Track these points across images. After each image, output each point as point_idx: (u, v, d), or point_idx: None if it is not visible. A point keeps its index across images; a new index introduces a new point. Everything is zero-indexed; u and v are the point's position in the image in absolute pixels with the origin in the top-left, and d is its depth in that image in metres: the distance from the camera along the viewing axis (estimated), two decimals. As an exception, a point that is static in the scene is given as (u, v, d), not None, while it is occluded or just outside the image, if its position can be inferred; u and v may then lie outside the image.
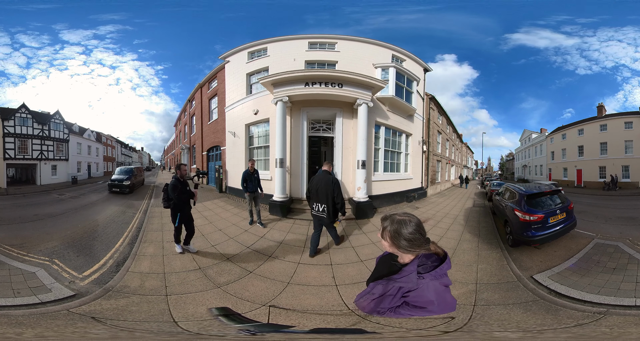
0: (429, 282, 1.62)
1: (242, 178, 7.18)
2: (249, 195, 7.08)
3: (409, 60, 12.55)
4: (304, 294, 3.61)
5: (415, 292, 1.65)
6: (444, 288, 1.65)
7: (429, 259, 1.67)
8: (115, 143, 44.41)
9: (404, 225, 1.58)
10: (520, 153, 45.63)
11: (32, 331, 2.68)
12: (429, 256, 1.68)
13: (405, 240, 1.58)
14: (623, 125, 23.64)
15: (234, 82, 12.45)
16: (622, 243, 5.37)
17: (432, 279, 1.61)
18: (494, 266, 4.67)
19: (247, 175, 7.15)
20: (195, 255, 5.01)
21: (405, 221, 1.60)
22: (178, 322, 2.94)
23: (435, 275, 1.63)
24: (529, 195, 5.85)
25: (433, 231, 6.97)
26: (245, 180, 7.13)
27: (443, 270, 1.64)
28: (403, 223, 1.59)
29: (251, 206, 7.15)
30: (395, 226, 1.61)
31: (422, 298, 1.67)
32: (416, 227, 1.60)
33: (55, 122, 25.73)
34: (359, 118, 8.79)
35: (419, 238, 1.59)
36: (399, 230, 1.59)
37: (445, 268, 1.64)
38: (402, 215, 1.65)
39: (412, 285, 1.66)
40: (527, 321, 2.98)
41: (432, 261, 1.66)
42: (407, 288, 1.67)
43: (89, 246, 5.53)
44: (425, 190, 14.47)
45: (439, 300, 1.66)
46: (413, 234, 1.57)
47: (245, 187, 7.11)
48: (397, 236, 1.59)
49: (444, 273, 1.64)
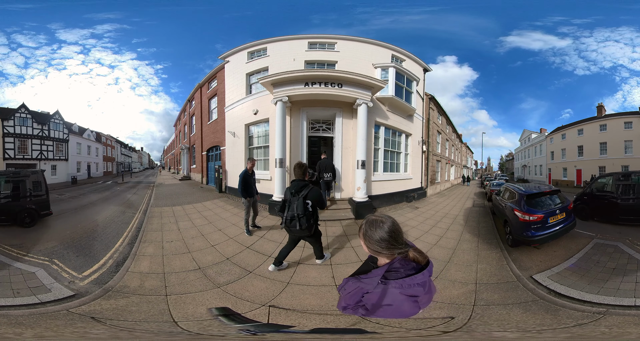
0: (390, 289, 1.54)
1: (242, 180, 6.06)
2: (249, 200, 6.15)
3: (409, 60, 12.56)
4: (304, 294, 3.61)
5: (369, 295, 1.59)
6: (405, 297, 1.55)
7: (406, 267, 1.59)
8: (115, 143, 44.45)
9: (375, 227, 1.55)
10: (519, 153, 45.71)
11: (31, 331, 2.68)
12: (407, 263, 1.60)
13: (375, 242, 1.55)
14: (623, 125, 23.70)
15: (234, 82, 12.46)
16: (621, 243, 5.38)
17: (396, 288, 1.53)
18: (493, 266, 4.67)
19: (247, 177, 6.14)
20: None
21: (377, 222, 1.56)
22: (178, 322, 2.94)
23: (401, 285, 1.54)
24: (528, 195, 5.86)
25: (433, 231, 6.97)
26: (245, 182, 6.08)
27: (414, 281, 1.54)
28: (375, 225, 1.55)
29: (249, 214, 6.24)
30: (366, 227, 1.58)
31: (370, 301, 1.61)
32: (388, 230, 1.55)
33: (55, 122, 25.74)
34: (358, 118, 8.79)
35: (390, 241, 1.54)
36: (369, 232, 1.57)
37: (417, 279, 1.54)
38: (376, 216, 1.61)
39: (370, 288, 1.60)
40: (527, 321, 2.98)
41: (408, 270, 1.58)
42: (365, 289, 1.61)
43: (89, 246, 5.53)
44: (424, 190, 14.48)
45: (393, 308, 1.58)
46: (383, 237, 1.53)
47: (244, 191, 6.07)
48: (369, 237, 1.56)
49: (415, 284, 1.54)
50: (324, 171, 8.39)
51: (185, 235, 6.13)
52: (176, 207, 9.45)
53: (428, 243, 5.92)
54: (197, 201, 10.64)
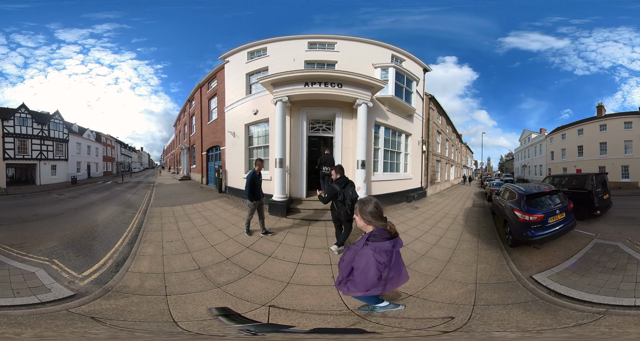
0: (367, 250, 2.26)
1: (250, 182, 5.85)
2: (255, 203, 5.96)
3: (409, 60, 12.56)
4: (304, 294, 3.61)
5: (358, 256, 2.30)
6: (373, 262, 2.23)
7: (381, 235, 2.32)
8: (114, 143, 44.45)
9: (367, 203, 2.38)
10: (519, 153, 45.73)
11: (31, 331, 2.68)
12: (383, 233, 2.32)
13: (367, 214, 2.34)
14: (622, 125, 23.69)
15: (234, 82, 12.46)
16: (621, 243, 5.37)
17: (371, 249, 2.24)
18: (493, 266, 4.67)
19: (254, 179, 5.97)
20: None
21: (368, 201, 2.41)
22: (178, 322, 2.94)
23: (374, 247, 2.25)
24: (528, 195, 5.86)
25: (433, 231, 6.97)
26: (253, 184, 5.91)
27: (383, 246, 2.25)
28: (367, 202, 2.39)
29: (252, 216, 6.10)
30: (361, 205, 2.39)
31: (357, 264, 2.31)
32: (375, 205, 2.37)
33: (55, 122, 25.73)
34: (358, 118, 8.79)
35: (376, 213, 2.34)
36: (363, 207, 2.36)
37: (385, 246, 2.25)
38: (366, 197, 2.54)
39: (358, 248, 2.32)
40: (527, 321, 2.98)
41: (382, 238, 2.30)
42: (357, 250, 2.32)
43: (89, 246, 5.53)
44: (424, 190, 14.48)
45: (363, 271, 2.27)
46: (371, 210, 2.33)
47: (251, 193, 5.88)
48: (363, 210, 2.35)
49: (384, 250, 2.25)
50: (324, 165, 8.91)
51: (185, 235, 6.13)
52: (176, 207, 9.45)
53: (428, 243, 5.92)
54: (197, 201, 10.64)
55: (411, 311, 3.25)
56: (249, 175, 5.94)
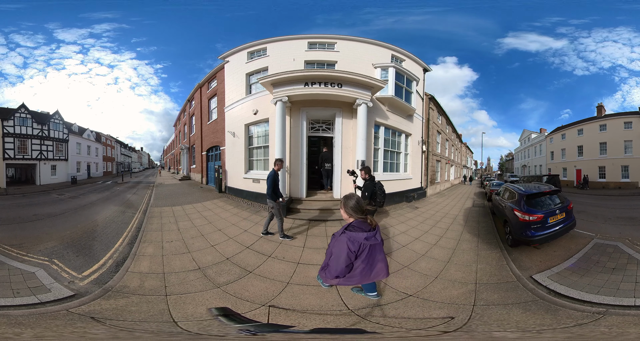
0: (342, 237, 2.60)
1: (273, 181, 5.82)
2: (279, 203, 5.87)
3: (409, 60, 12.56)
4: (304, 294, 3.61)
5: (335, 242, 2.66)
6: (345, 249, 2.56)
7: (359, 226, 2.64)
8: (114, 143, 44.45)
9: (350, 199, 2.72)
10: (519, 153, 45.74)
11: (31, 331, 2.68)
12: (361, 225, 2.65)
13: (349, 208, 2.67)
14: (622, 125, 23.69)
15: (234, 82, 12.46)
16: (621, 243, 5.38)
17: (347, 236, 2.58)
18: (493, 266, 4.67)
19: (276, 178, 5.94)
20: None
21: (351, 196, 2.75)
22: (178, 322, 2.94)
23: (350, 236, 2.58)
24: (528, 195, 5.85)
25: (433, 231, 6.97)
26: (276, 184, 5.89)
27: (357, 236, 2.57)
28: (350, 198, 2.73)
29: (282, 219, 5.99)
30: (344, 199, 2.74)
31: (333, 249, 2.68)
32: (356, 200, 2.70)
33: (55, 122, 25.72)
34: (358, 118, 8.79)
35: (356, 207, 2.66)
36: (346, 201, 2.71)
37: (360, 236, 2.57)
38: (350, 193, 2.84)
39: (338, 234, 2.69)
40: (527, 321, 2.98)
41: (359, 229, 2.62)
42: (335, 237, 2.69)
43: (89, 246, 5.52)
44: (424, 190, 14.48)
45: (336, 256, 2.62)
46: (353, 204, 2.67)
47: (275, 193, 5.84)
48: (346, 205, 2.70)
49: (357, 240, 2.56)
50: (326, 161, 9.35)
51: (185, 235, 6.13)
52: (176, 207, 9.45)
53: (428, 243, 5.92)
54: (197, 201, 10.64)
55: (411, 311, 3.25)
56: (271, 175, 5.87)
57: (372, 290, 3.43)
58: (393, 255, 5.08)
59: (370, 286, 3.40)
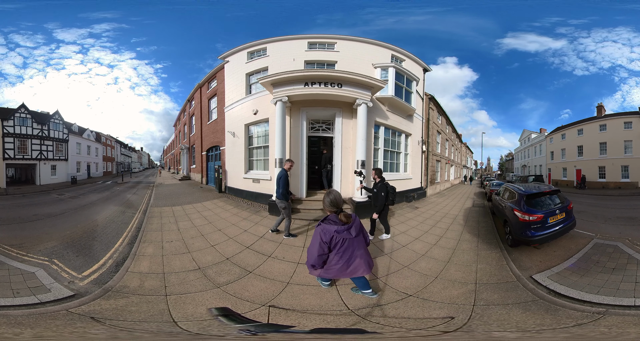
0: (318, 228, 2.98)
1: (284, 181, 5.87)
2: (289, 203, 5.94)
3: (409, 60, 12.56)
4: (304, 294, 3.61)
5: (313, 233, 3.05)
6: (318, 238, 2.93)
7: (334, 220, 3.04)
8: (114, 143, 44.45)
9: (328, 195, 3.10)
10: (519, 153, 45.74)
11: (31, 331, 2.68)
12: (335, 219, 3.05)
13: (326, 203, 3.08)
14: (622, 125, 23.70)
15: (234, 82, 12.45)
16: (621, 243, 5.38)
17: (321, 227, 2.96)
18: (493, 266, 4.67)
19: (287, 177, 5.99)
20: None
21: (330, 193, 3.12)
22: (178, 322, 2.94)
23: (323, 227, 2.95)
24: (528, 195, 5.85)
25: (433, 231, 6.98)
26: (287, 183, 5.95)
27: (329, 227, 2.94)
28: (329, 194, 3.11)
29: (291, 219, 6.03)
30: (325, 195, 3.13)
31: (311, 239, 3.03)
32: (333, 196, 3.07)
33: (55, 122, 25.72)
34: (358, 118, 8.79)
35: (332, 203, 3.06)
36: (325, 197, 3.09)
37: (331, 228, 2.94)
38: (330, 189, 3.37)
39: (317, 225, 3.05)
40: (527, 321, 2.98)
41: (333, 222, 3.03)
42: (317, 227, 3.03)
43: (89, 246, 5.52)
44: (424, 190, 14.48)
45: (312, 244, 2.98)
46: (330, 201, 3.06)
47: (287, 193, 5.89)
48: (324, 200, 3.10)
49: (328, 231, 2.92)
50: (328, 163, 9.54)
51: (185, 235, 6.13)
52: (176, 207, 9.45)
53: (428, 243, 5.92)
54: (197, 201, 10.64)
55: (411, 311, 3.25)
56: (282, 174, 5.93)
57: (365, 287, 3.46)
58: (393, 255, 5.08)
59: (362, 283, 3.44)
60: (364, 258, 3.08)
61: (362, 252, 3.08)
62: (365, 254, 3.14)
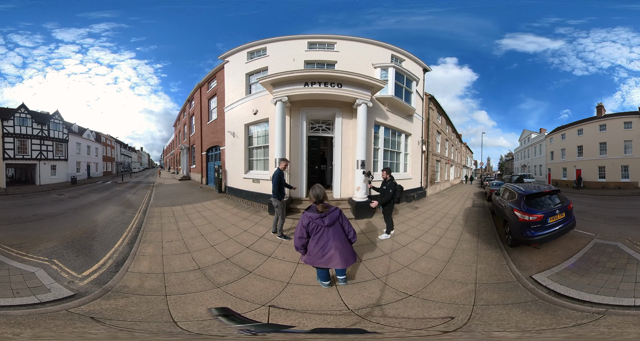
0: (302, 215, 3.43)
1: (278, 180, 5.92)
2: (283, 202, 5.97)
3: (409, 60, 12.56)
4: (304, 294, 3.61)
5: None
6: (300, 223, 3.41)
7: (314, 209, 3.44)
8: (114, 143, 44.45)
9: (313, 189, 3.51)
10: (519, 153, 45.77)
11: (30, 331, 2.68)
12: (315, 208, 3.44)
13: (311, 195, 3.50)
14: (622, 125, 23.71)
15: (234, 82, 12.45)
16: (621, 243, 5.38)
17: (305, 214, 3.40)
18: (493, 266, 4.67)
19: (281, 177, 6.03)
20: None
21: (315, 187, 3.53)
22: (177, 322, 2.94)
23: (305, 214, 3.40)
24: (528, 195, 5.85)
25: (432, 231, 6.98)
26: (281, 182, 5.99)
27: (309, 214, 3.38)
28: (314, 188, 3.52)
29: (284, 218, 6.04)
30: (310, 189, 3.57)
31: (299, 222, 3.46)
32: (317, 190, 3.48)
33: (55, 122, 25.72)
34: (358, 118, 8.79)
35: (315, 195, 3.47)
36: (311, 191, 3.52)
37: (310, 215, 3.37)
38: (316, 184, 3.58)
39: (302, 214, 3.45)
40: (526, 321, 2.98)
41: (314, 210, 3.43)
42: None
43: (88, 246, 5.52)
44: (424, 190, 14.48)
45: (296, 229, 3.45)
46: (314, 194, 3.48)
47: (280, 192, 5.93)
48: (309, 192, 3.69)
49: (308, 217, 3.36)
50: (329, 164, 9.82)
51: (184, 235, 6.13)
52: (176, 207, 9.45)
53: (428, 243, 5.92)
54: (197, 201, 10.63)
55: (411, 311, 3.26)
56: (276, 173, 6.01)
57: (341, 273, 3.79)
58: (393, 255, 5.08)
59: (339, 270, 3.75)
60: (339, 250, 3.32)
61: (337, 244, 3.33)
62: (342, 247, 3.36)
